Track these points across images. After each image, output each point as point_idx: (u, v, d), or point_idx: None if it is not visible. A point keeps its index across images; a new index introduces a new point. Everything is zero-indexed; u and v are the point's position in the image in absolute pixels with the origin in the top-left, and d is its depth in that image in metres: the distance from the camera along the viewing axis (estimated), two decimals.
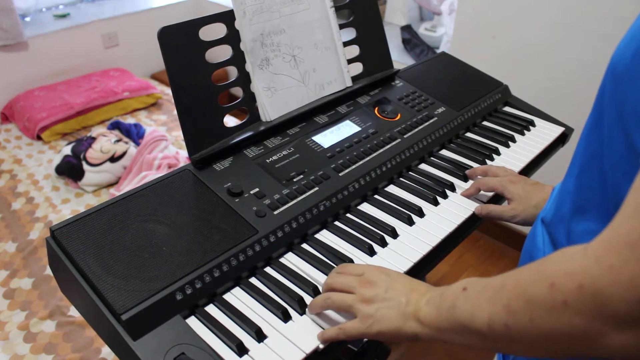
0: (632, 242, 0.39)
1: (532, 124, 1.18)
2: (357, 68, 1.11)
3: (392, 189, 0.94)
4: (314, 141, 0.96)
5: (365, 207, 0.90)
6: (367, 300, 0.63)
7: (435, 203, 0.91)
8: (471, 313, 0.52)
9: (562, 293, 0.43)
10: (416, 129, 1.05)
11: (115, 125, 2.23)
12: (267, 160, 0.89)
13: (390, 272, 0.66)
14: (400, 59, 2.32)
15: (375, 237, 0.82)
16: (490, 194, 0.93)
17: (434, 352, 1.77)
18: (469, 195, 0.92)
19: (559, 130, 1.17)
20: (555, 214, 0.63)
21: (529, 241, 0.70)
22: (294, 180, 0.87)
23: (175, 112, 2.23)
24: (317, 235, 0.83)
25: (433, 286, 0.63)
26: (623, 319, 0.39)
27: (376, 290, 0.63)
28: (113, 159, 2.01)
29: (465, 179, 0.97)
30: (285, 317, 0.69)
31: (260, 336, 0.66)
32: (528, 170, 1.06)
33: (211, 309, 0.70)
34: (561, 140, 1.16)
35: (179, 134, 2.37)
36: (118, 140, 2.08)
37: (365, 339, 1.12)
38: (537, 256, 0.66)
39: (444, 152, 1.06)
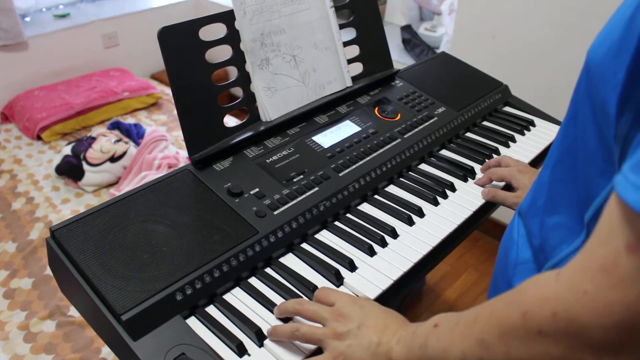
0: (607, 267, 0.37)
1: (532, 124, 1.18)
2: (357, 68, 1.11)
3: (392, 189, 0.94)
4: (314, 141, 0.96)
5: (365, 207, 0.90)
6: (338, 336, 0.60)
7: (436, 203, 0.91)
8: (444, 350, 0.51)
9: (535, 322, 0.41)
10: (416, 129, 1.05)
11: (115, 125, 2.23)
12: (267, 161, 0.89)
13: (364, 304, 0.63)
14: (400, 59, 2.32)
15: (375, 237, 0.82)
16: (500, 184, 0.95)
17: None
18: (482, 184, 0.95)
19: None
20: (531, 206, 0.63)
21: (506, 234, 0.70)
22: (294, 180, 0.87)
23: (175, 112, 2.22)
24: (317, 236, 0.83)
25: (407, 321, 0.61)
26: (601, 346, 0.38)
27: (349, 325, 0.60)
28: (113, 159, 2.01)
29: (465, 179, 0.97)
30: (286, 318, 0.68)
31: (260, 336, 0.66)
32: None
33: (211, 310, 0.70)
34: None
35: (179, 134, 2.36)
36: (118, 140, 2.08)
37: None
38: (511, 248, 0.65)
39: (444, 152, 1.06)
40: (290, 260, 0.78)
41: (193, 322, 0.68)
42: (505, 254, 0.67)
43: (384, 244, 0.81)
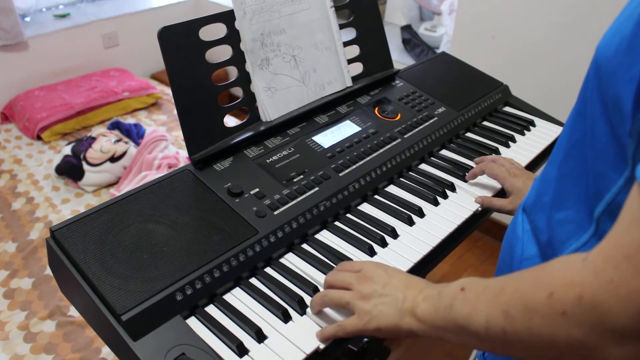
0: (631, 255, 0.38)
1: (532, 124, 1.18)
2: (357, 68, 1.11)
3: (392, 189, 0.94)
4: (314, 141, 0.96)
5: (366, 207, 0.90)
6: (364, 297, 0.63)
7: (436, 203, 0.91)
8: (469, 315, 0.52)
9: (561, 303, 0.43)
10: (416, 129, 1.05)
11: (115, 125, 2.23)
12: (267, 160, 0.89)
13: (387, 268, 0.66)
14: (400, 59, 2.32)
15: (375, 237, 0.82)
16: (498, 185, 0.95)
17: (434, 352, 1.77)
18: (474, 174, 0.95)
19: (559, 130, 1.16)
20: (537, 202, 0.63)
21: (509, 230, 0.70)
22: (294, 180, 0.87)
23: (175, 112, 2.22)
24: (317, 236, 0.83)
25: (430, 282, 0.63)
26: (622, 333, 0.39)
27: (374, 286, 0.63)
28: (113, 159, 2.01)
29: (465, 179, 0.97)
30: (286, 318, 0.68)
31: (260, 336, 0.66)
32: (528, 170, 1.05)
33: (211, 310, 0.70)
34: None
35: (179, 134, 2.36)
36: (118, 140, 2.08)
37: (365, 339, 1.12)
38: (515, 245, 0.66)
39: (444, 152, 1.06)
40: (290, 260, 0.78)
41: (193, 322, 0.68)
42: (510, 250, 0.67)
43: (384, 244, 0.81)
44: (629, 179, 0.46)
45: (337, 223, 0.86)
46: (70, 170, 1.99)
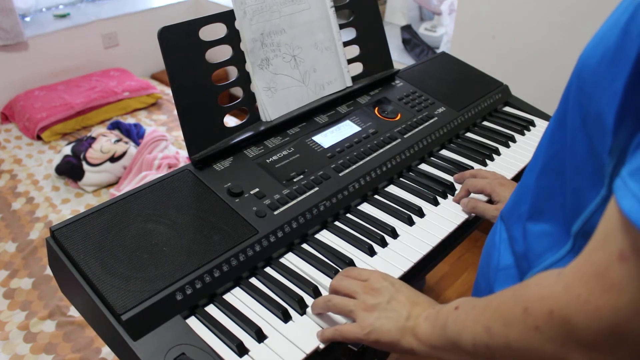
0: (599, 273, 0.38)
1: (532, 124, 1.18)
2: (357, 68, 1.11)
3: (392, 189, 0.94)
4: (314, 141, 0.96)
5: (365, 207, 0.90)
6: (368, 308, 0.62)
7: (435, 203, 0.91)
8: (459, 333, 0.53)
9: (533, 318, 0.43)
10: (416, 129, 1.05)
11: (115, 125, 2.23)
12: (267, 160, 0.89)
13: (395, 282, 0.66)
14: (400, 59, 2.32)
15: (375, 237, 0.82)
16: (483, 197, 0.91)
17: None
18: (460, 198, 0.91)
19: None
20: (513, 210, 0.63)
21: (489, 238, 0.69)
22: (294, 180, 0.87)
23: (175, 112, 2.23)
24: (317, 236, 0.83)
25: (434, 301, 0.63)
26: (591, 347, 0.40)
27: (379, 298, 0.63)
28: (113, 159, 2.01)
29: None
30: (286, 318, 0.69)
31: (260, 336, 0.66)
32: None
33: (211, 309, 0.70)
34: None
35: (179, 134, 2.36)
36: (118, 140, 2.08)
37: None
38: (492, 253, 0.66)
39: (444, 152, 1.06)
40: (290, 260, 0.78)
41: (193, 322, 0.68)
42: (487, 259, 0.67)
43: (384, 244, 0.81)
44: (605, 199, 0.44)
45: (337, 223, 0.86)
46: (70, 170, 1.99)
